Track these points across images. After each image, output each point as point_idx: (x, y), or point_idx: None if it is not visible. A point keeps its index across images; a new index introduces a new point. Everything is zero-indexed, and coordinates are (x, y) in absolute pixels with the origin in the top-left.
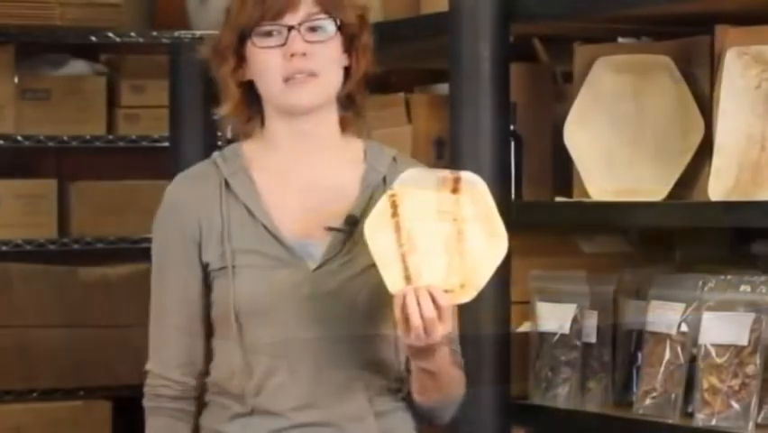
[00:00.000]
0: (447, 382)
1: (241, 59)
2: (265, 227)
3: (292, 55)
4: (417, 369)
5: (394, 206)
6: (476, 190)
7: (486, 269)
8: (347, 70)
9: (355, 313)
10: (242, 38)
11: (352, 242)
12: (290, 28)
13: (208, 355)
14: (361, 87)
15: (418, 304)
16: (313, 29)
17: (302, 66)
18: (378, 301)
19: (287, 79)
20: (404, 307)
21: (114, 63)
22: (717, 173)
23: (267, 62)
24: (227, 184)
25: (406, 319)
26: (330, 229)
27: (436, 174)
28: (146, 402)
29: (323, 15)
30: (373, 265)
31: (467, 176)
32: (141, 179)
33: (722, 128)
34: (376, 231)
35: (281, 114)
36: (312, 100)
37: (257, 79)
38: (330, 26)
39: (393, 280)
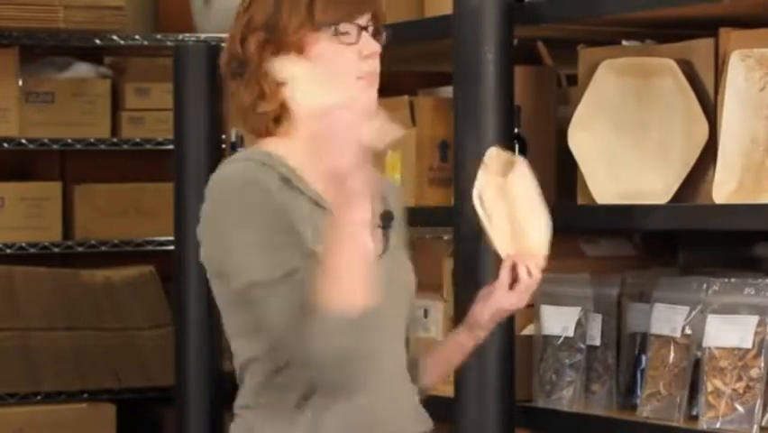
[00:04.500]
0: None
1: (299, 50)
2: None
3: (367, 55)
4: (460, 345)
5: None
6: (522, 174)
7: (543, 240)
8: None
9: (404, 297)
10: (328, 27)
11: (390, 236)
12: (362, 28)
13: None
14: None
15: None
16: (377, 32)
17: (375, 67)
18: (411, 288)
19: (360, 78)
20: (513, 268)
21: (118, 66)
22: (721, 176)
23: (342, 60)
24: (285, 180)
25: (513, 282)
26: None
27: (505, 157)
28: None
29: (381, 22)
30: (402, 256)
31: (518, 161)
32: (146, 181)
33: (726, 131)
34: (478, 200)
35: None
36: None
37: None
38: (383, 34)
39: (502, 243)
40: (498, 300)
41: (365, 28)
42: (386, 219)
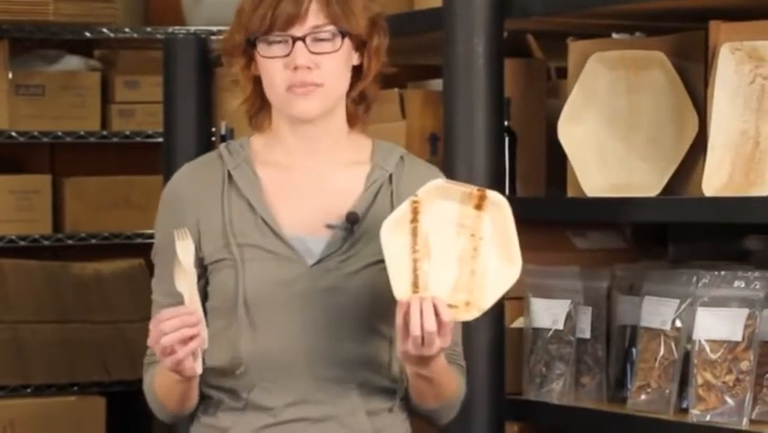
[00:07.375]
0: (445, 387)
1: (251, 57)
2: (264, 222)
3: (296, 67)
4: (413, 373)
5: (415, 211)
6: (500, 211)
7: (494, 292)
8: (359, 69)
9: (352, 311)
10: (250, 41)
11: (353, 239)
12: (295, 39)
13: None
14: (373, 84)
15: (421, 314)
16: (319, 40)
17: (306, 78)
18: (376, 300)
19: (290, 88)
20: (406, 314)
21: (108, 59)
22: (710, 169)
23: (271, 71)
24: (230, 177)
25: (406, 327)
26: (330, 226)
27: (463, 187)
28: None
29: (330, 27)
30: (373, 264)
31: (493, 195)
32: (136, 174)
33: (716, 124)
34: (392, 233)
35: (287, 117)
36: (317, 109)
37: (263, 83)
38: (337, 38)
39: (399, 287)
40: (398, 344)
41: (299, 39)
42: (349, 221)
